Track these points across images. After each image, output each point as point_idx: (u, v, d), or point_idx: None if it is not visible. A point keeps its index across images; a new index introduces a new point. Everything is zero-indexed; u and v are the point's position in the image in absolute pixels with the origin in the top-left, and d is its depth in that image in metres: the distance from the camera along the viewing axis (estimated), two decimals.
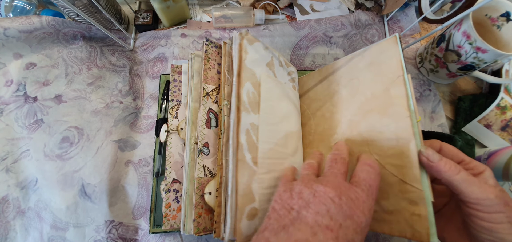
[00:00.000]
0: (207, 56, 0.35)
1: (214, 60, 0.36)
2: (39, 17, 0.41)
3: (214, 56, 0.36)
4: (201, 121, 0.33)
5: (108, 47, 0.46)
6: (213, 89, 0.34)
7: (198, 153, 0.32)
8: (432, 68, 0.45)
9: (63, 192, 0.37)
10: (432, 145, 0.27)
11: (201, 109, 0.33)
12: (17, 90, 0.42)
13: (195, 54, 0.37)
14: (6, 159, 0.39)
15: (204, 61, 0.35)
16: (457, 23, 0.39)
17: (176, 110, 0.40)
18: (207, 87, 0.34)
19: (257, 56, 0.33)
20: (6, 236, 0.36)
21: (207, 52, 0.35)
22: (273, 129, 0.31)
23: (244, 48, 0.32)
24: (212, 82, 0.34)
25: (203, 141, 0.32)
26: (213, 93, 0.34)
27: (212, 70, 0.35)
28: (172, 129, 0.39)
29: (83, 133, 0.40)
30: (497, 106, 0.42)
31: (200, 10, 0.52)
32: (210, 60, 0.35)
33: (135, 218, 0.38)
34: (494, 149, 0.39)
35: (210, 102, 0.34)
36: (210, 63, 0.35)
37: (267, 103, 0.31)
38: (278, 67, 0.36)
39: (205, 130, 0.33)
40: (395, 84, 0.28)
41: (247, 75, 0.31)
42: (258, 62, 0.33)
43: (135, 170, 0.40)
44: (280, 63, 0.37)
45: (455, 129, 0.45)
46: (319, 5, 0.53)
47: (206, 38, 0.36)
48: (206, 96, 0.34)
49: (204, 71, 0.34)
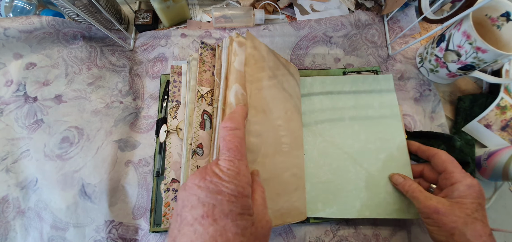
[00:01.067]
0: (202, 59, 0.35)
1: (210, 63, 0.36)
2: (39, 17, 0.41)
3: (209, 59, 0.36)
4: (195, 122, 0.33)
5: (108, 47, 0.46)
6: (208, 91, 0.35)
7: (192, 153, 0.32)
8: (432, 68, 0.45)
9: (63, 192, 0.37)
10: (429, 150, 0.36)
11: (196, 111, 0.33)
12: (17, 90, 0.42)
13: (193, 57, 0.38)
14: (6, 159, 0.39)
15: (199, 64, 0.35)
16: (457, 23, 0.39)
17: (176, 110, 0.40)
18: (201, 90, 0.34)
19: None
20: (6, 236, 0.36)
21: (202, 55, 0.36)
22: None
23: (234, 50, 0.32)
24: (207, 84, 0.35)
25: (197, 142, 0.33)
26: (208, 95, 0.35)
27: (207, 72, 0.35)
28: (171, 129, 0.39)
29: (83, 133, 0.40)
30: (497, 106, 0.42)
31: (200, 10, 0.52)
32: (205, 62, 0.36)
33: (135, 218, 0.38)
34: (494, 149, 0.39)
35: (204, 104, 0.34)
36: (205, 65, 0.35)
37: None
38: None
39: (199, 131, 0.33)
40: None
41: (235, 77, 0.30)
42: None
43: (135, 170, 0.40)
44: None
45: (455, 129, 0.45)
46: (319, 5, 0.53)
47: (202, 41, 0.36)
48: (201, 98, 0.34)
49: (198, 73, 0.35)
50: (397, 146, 0.40)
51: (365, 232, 0.39)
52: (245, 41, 0.33)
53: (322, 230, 0.39)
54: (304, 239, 0.38)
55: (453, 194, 0.29)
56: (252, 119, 0.29)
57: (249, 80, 0.30)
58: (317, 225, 0.39)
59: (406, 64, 0.48)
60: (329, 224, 0.39)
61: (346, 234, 0.39)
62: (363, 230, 0.39)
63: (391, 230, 0.39)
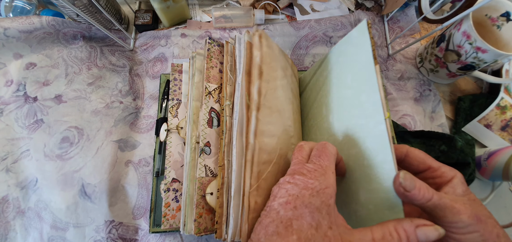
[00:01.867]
0: (210, 55, 0.35)
1: (217, 59, 0.35)
2: (39, 17, 0.41)
3: (216, 55, 0.35)
4: (202, 120, 0.32)
5: (108, 47, 0.46)
6: (215, 88, 0.34)
7: (200, 152, 0.31)
8: (432, 68, 0.45)
9: (63, 192, 0.37)
10: (399, 150, 0.26)
11: (203, 108, 0.33)
12: (17, 90, 0.42)
13: (197, 53, 0.37)
14: (6, 159, 0.39)
15: (207, 59, 0.34)
16: (457, 23, 0.39)
17: (176, 109, 0.40)
18: (209, 86, 0.33)
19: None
20: (6, 236, 0.36)
21: (210, 51, 0.35)
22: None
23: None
24: (214, 81, 0.34)
25: (205, 140, 0.32)
26: (215, 92, 0.34)
27: (214, 69, 0.35)
28: (172, 128, 0.39)
29: (83, 133, 0.40)
30: (497, 106, 0.42)
31: (200, 10, 0.52)
32: (212, 58, 0.35)
33: (135, 218, 0.38)
34: (494, 149, 0.39)
35: (212, 101, 0.33)
36: (212, 62, 0.35)
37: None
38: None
39: (206, 129, 0.32)
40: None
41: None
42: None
43: (135, 170, 0.40)
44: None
45: (455, 129, 0.45)
46: (319, 5, 0.53)
47: (209, 36, 0.36)
48: (208, 95, 0.33)
49: (206, 69, 0.34)
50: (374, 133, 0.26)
51: None
52: (260, 38, 0.31)
53: None
54: None
55: (456, 190, 0.23)
56: (266, 119, 0.28)
57: (265, 79, 0.29)
58: None
59: (406, 64, 0.48)
60: None
61: None
62: None
63: None
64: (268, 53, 0.30)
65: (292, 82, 0.38)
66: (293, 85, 0.38)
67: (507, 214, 0.41)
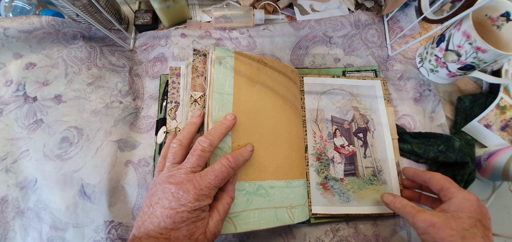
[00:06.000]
0: (195, 66, 0.37)
1: (202, 68, 0.37)
2: (39, 17, 0.41)
3: (202, 65, 0.37)
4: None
5: (108, 47, 0.46)
6: (200, 95, 0.36)
7: None
8: (432, 68, 0.45)
9: (62, 192, 0.37)
10: (422, 176, 0.35)
11: (189, 115, 0.34)
12: (16, 90, 0.42)
13: (189, 62, 0.38)
14: (6, 159, 0.39)
15: (192, 70, 0.36)
16: (457, 23, 0.39)
17: (175, 111, 0.40)
18: (195, 95, 0.35)
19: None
20: (6, 236, 0.36)
21: (195, 62, 0.37)
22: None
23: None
24: (200, 89, 0.36)
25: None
26: (201, 99, 0.36)
27: (200, 78, 0.37)
28: (171, 130, 0.39)
29: (83, 133, 0.40)
30: (497, 106, 0.42)
31: (200, 10, 0.52)
32: (198, 69, 0.37)
33: (134, 218, 0.38)
34: (494, 149, 0.39)
35: (198, 108, 0.35)
36: (198, 71, 0.37)
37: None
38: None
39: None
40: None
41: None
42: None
43: (135, 170, 0.40)
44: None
45: (455, 129, 0.45)
46: (319, 5, 0.53)
47: (194, 49, 0.37)
48: (194, 102, 0.35)
49: (192, 79, 0.36)
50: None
51: (365, 232, 0.39)
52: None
53: (322, 230, 0.39)
54: (304, 239, 0.38)
55: (450, 207, 0.29)
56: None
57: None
58: (317, 225, 0.39)
59: (406, 64, 0.48)
60: (329, 224, 0.39)
61: (346, 234, 0.39)
62: (363, 230, 0.39)
63: (391, 230, 0.39)
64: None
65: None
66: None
67: (507, 214, 0.41)
